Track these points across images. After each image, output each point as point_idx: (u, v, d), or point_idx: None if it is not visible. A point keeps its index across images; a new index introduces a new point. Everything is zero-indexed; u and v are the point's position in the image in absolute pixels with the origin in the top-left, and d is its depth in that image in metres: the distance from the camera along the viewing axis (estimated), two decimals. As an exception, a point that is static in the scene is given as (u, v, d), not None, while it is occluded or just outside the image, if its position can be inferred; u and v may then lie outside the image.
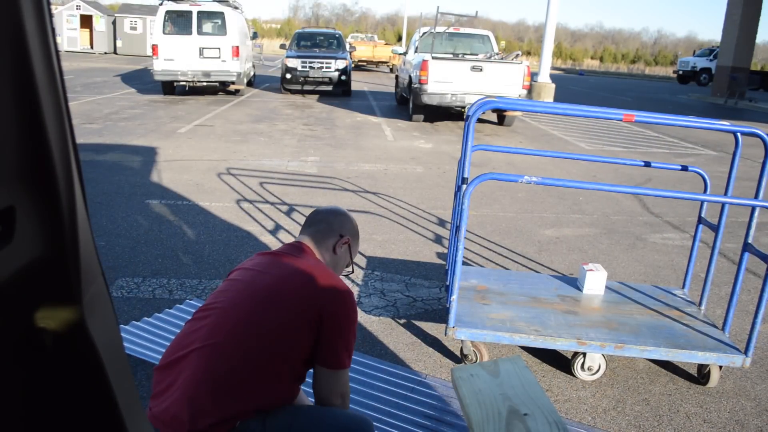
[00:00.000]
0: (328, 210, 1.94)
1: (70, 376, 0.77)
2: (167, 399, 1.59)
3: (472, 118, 2.80)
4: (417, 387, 2.59)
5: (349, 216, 1.96)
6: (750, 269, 4.34)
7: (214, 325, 1.64)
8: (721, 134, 11.48)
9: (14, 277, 0.66)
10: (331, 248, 1.87)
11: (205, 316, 1.69)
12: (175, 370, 1.62)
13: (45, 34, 0.63)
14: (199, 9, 12.61)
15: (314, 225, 1.90)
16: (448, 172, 7.14)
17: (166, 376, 1.64)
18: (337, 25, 59.03)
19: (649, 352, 2.70)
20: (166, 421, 1.57)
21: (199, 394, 1.56)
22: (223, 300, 1.70)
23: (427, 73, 10.07)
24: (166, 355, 1.69)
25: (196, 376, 1.58)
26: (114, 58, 27.08)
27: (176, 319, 3.04)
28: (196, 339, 1.64)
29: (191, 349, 1.63)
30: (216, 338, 1.62)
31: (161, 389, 1.63)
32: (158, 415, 1.59)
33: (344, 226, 1.91)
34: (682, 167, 3.23)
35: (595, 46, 70.84)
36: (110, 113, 10.38)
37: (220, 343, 1.61)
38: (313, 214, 1.94)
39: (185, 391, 1.57)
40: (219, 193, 5.64)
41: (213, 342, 1.61)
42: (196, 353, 1.61)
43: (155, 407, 1.61)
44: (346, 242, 1.90)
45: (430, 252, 4.40)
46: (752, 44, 22.43)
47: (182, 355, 1.64)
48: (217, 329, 1.63)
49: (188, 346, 1.64)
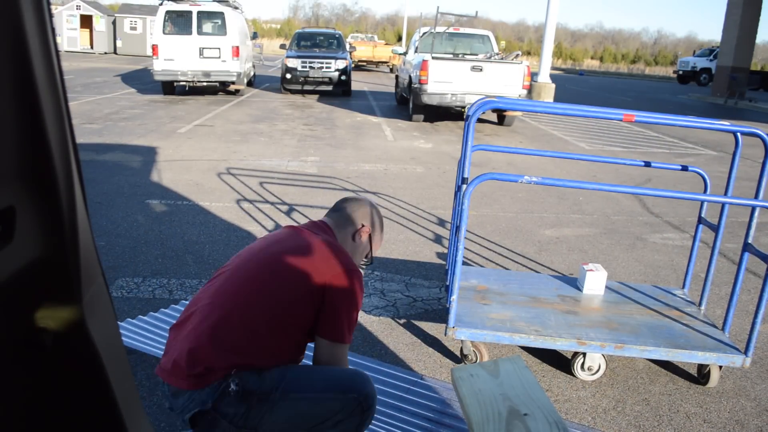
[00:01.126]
0: (355, 199, 2.02)
1: (70, 376, 0.77)
2: (173, 351, 1.68)
3: (472, 118, 2.80)
4: (413, 388, 2.59)
5: (375, 208, 2.02)
6: (750, 269, 4.34)
7: (222, 284, 1.74)
8: (721, 134, 11.48)
9: (14, 277, 0.66)
10: (350, 236, 1.94)
11: (218, 274, 1.80)
12: (183, 326, 1.72)
13: (45, 34, 0.64)
14: (199, 9, 12.61)
15: (339, 211, 1.98)
16: (448, 172, 7.14)
17: (176, 333, 1.73)
18: (337, 25, 59.01)
19: (649, 352, 2.70)
20: (168, 369, 1.66)
21: (200, 343, 1.64)
22: (237, 262, 1.80)
23: (427, 73, 10.07)
24: (181, 315, 1.79)
25: (198, 327, 1.67)
26: (114, 58, 27.08)
27: (169, 318, 3.03)
28: (205, 296, 1.74)
29: (198, 306, 1.72)
30: (222, 297, 1.71)
31: (169, 345, 1.72)
32: (163, 365, 1.69)
33: (366, 217, 1.97)
34: (682, 167, 3.23)
35: (595, 46, 70.82)
36: (110, 113, 10.38)
37: (224, 301, 1.70)
38: (341, 201, 2.02)
39: (187, 340, 1.66)
40: (219, 193, 5.64)
41: (219, 300, 1.70)
42: (202, 309, 1.70)
43: (163, 361, 1.71)
44: (367, 232, 1.96)
45: (430, 252, 4.40)
46: (752, 44, 22.43)
47: (191, 312, 1.73)
48: (225, 288, 1.73)
49: (197, 303, 1.74)
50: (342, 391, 1.68)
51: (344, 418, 1.68)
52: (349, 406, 1.68)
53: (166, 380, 1.67)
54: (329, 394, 1.67)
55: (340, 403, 1.67)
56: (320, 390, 1.67)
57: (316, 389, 1.67)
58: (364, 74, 25.22)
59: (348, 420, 1.68)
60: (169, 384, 1.66)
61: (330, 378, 1.71)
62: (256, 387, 1.62)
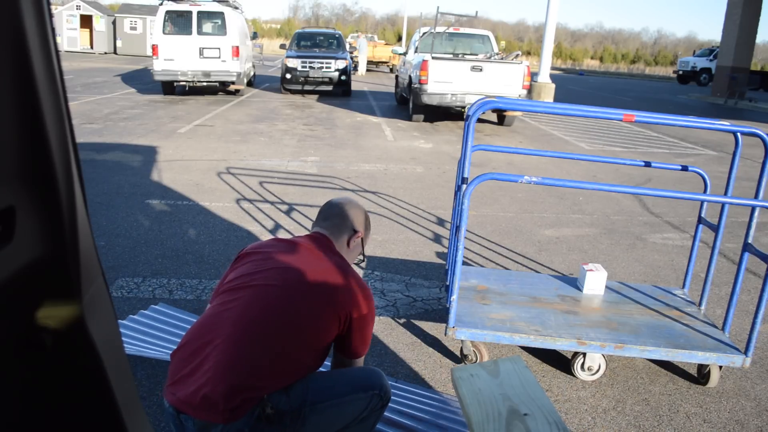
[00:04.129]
0: (342, 203, 2.02)
1: (70, 376, 0.77)
2: (195, 382, 1.62)
3: (472, 118, 2.80)
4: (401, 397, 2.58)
5: (362, 209, 2.06)
6: (750, 269, 4.34)
7: (247, 310, 1.70)
8: (721, 134, 11.48)
9: (14, 277, 0.66)
10: (345, 243, 1.99)
11: (234, 299, 1.74)
12: (202, 354, 1.66)
13: (45, 34, 0.64)
14: (199, 9, 12.61)
15: (330, 219, 1.99)
16: (448, 172, 7.14)
17: (190, 360, 1.67)
18: (337, 25, 59.02)
19: (649, 352, 2.70)
20: (195, 404, 1.60)
21: (237, 374, 1.61)
22: (254, 286, 1.76)
23: (427, 73, 10.07)
24: (189, 339, 1.72)
25: (231, 357, 1.62)
26: (114, 58, 27.08)
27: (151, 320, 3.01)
28: (229, 324, 1.68)
29: (222, 335, 1.67)
30: (251, 325, 1.68)
31: (186, 373, 1.65)
32: (185, 399, 1.62)
33: (357, 221, 2.02)
34: (682, 167, 3.23)
35: (595, 46, 70.84)
36: (110, 113, 10.38)
37: (256, 329, 1.67)
38: (328, 207, 2.03)
39: (219, 371, 1.60)
40: (219, 193, 5.64)
41: (249, 328, 1.67)
42: (229, 337, 1.65)
43: (180, 391, 1.63)
44: (360, 237, 2.02)
45: (430, 252, 4.40)
46: (752, 44, 22.43)
47: (209, 339, 1.68)
48: (251, 316, 1.69)
49: (217, 331, 1.68)
50: (363, 389, 1.77)
51: (368, 414, 1.78)
52: (372, 402, 1.78)
53: (194, 415, 1.60)
54: (353, 395, 1.76)
55: (364, 401, 1.77)
56: (344, 394, 1.76)
57: (340, 394, 1.75)
58: (363, 74, 25.20)
59: (372, 416, 1.80)
60: (196, 418, 1.61)
61: (350, 380, 1.80)
62: (287, 407, 1.66)
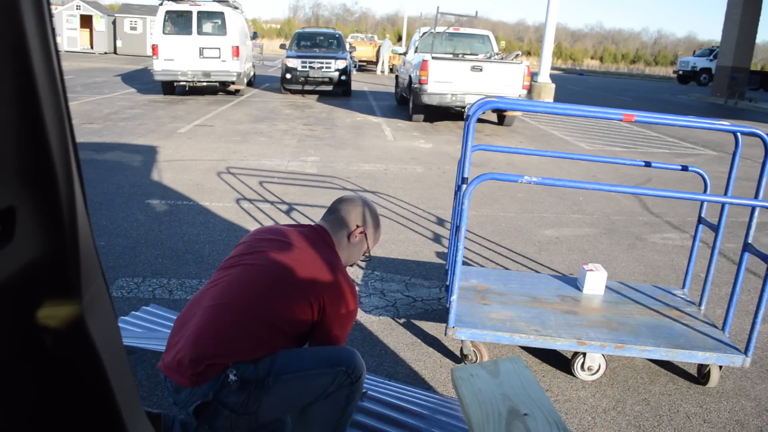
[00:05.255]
0: (349, 200, 2.05)
1: (70, 376, 0.77)
2: (174, 348, 1.74)
3: (472, 118, 2.80)
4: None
5: (369, 207, 2.06)
6: (750, 269, 4.34)
7: (228, 286, 1.79)
8: (721, 134, 11.48)
9: (14, 277, 0.66)
10: (345, 237, 1.99)
11: (221, 277, 1.84)
12: (187, 326, 1.77)
13: (45, 34, 0.64)
14: (199, 9, 12.61)
15: (334, 213, 2.02)
16: (448, 172, 7.14)
17: (178, 330, 1.79)
18: (337, 25, 58.98)
19: (649, 352, 2.70)
20: (172, 367, 1.72)
21: (203, 343, 1.70)
22: (240, 266, 1.84)
23: (427, 73, 10.07)
24: (183, 313, 1.84)
25: (201, 327, 1.72)
26: (114, 58, 27.08)
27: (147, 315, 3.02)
28: (209, 297, 1.79)
29: (202, 306, 1.77)
30: (226, 299, 1.76)
31: (173, 343, 1.77)
32: (168, 363, 1.74)
33: (359, 217, 2.02)
34: (682, 167, 3.23)
35: (595, 46, 70.79)
36: (110, 113, 10.38)
37: (229, 303, 1.75)
38: (336, 201, 2.06)
39: (190, 339, 1.71)
40: (219, 193, 5.64)
41: (223, 302, 1.75)
42: (206, 310, 1.75)
43: (167, 358, 1.76)
44: (361, 233, 2.01)
45: (430, 252, 4.40)
46: (752, 44, 22.42)
47: (195, 311, 1.79)
48: (229, 292, 1.77)
49: (200, 304, 1.79)
50: (330, 365, 1.76)
51: (334, 390, 1.76)
52: (339, 378, 1.75)
53: (168, 376, 1.73)
54: (318, 369, 1.75)
55: (329, 377, 1.74)
56: (309, 367, 1.75)
57: (305, 367, 1.75)
58: (364, 74, 25.21)
59: (338, 392, 1.77)
60: (172, 380, 1.73)
61: (318, 355, 1.80)
62: (252, 376, 1.69)
